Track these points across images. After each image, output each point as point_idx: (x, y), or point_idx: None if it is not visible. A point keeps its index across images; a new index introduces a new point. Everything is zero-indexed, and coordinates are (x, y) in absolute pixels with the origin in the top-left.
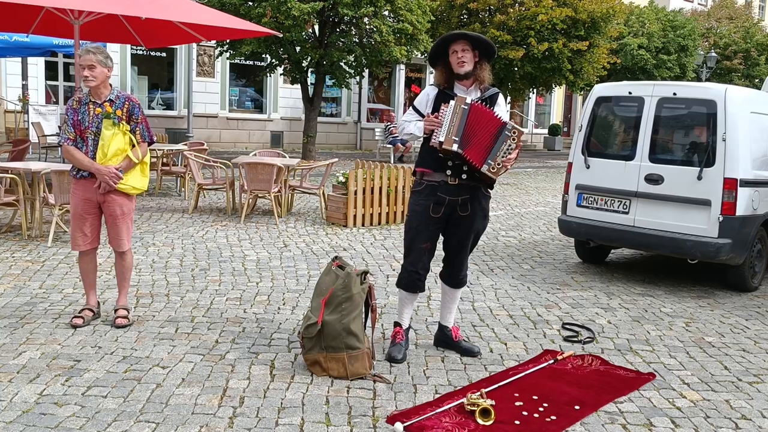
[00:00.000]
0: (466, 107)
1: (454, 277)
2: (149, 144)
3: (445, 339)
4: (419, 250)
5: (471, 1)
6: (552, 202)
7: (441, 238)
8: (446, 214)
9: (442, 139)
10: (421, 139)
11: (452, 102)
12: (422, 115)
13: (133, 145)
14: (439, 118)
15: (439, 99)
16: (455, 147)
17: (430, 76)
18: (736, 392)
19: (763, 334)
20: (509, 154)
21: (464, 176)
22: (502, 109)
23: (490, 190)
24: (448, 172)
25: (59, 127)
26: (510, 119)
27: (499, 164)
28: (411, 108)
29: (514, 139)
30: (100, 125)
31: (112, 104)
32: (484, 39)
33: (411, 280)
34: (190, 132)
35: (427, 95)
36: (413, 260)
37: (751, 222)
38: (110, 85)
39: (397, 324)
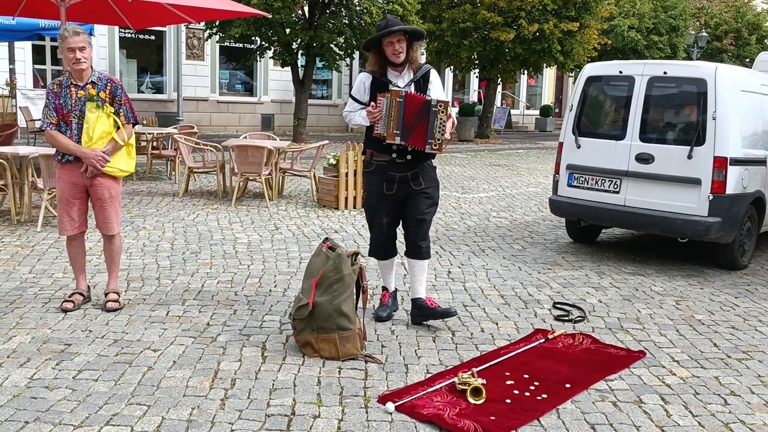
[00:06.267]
0: (401, 100)
1: (417, 248)
2: (133, 125)
3: (420, 311)
4: (380, 225)
5: None
6: (543, 182)
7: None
8: (401, 190)
9: (384, 133)
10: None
11: (388, 96)
12: (362, 103)
13: (118, 127)
14: (378, 110)
15: (375, 87)
16: (398, 140)
17: (421, 58)
18: (725, 369)
19: (752, 312)
20: (443, 127)
21: (409, 156)
22: (435, 84)
23: (433, 161)
24: (394, 155)
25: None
26: (502, 100)
27: (438, 140)
28: (350, 98)
29: (443, 112)
30: (83, 108)
31: (95, 86)
32: (417, 29)
33: (381, 250)
34: (180, 115)
35: (363, 84)
36: (377, 234)
37: (740, 200)
38: (91, 67)
39: (384, 288)
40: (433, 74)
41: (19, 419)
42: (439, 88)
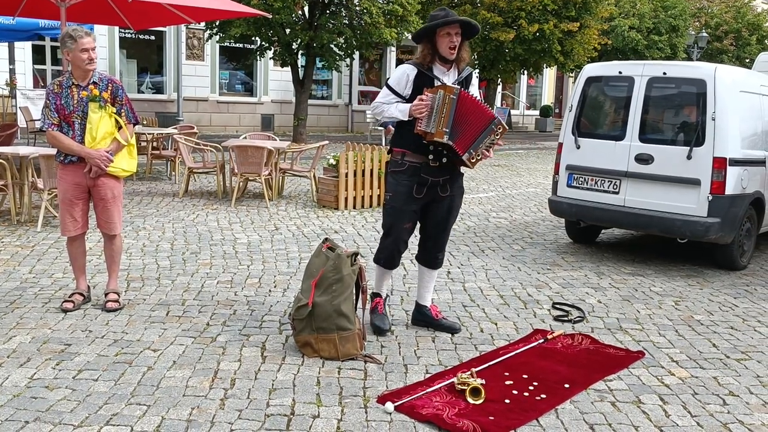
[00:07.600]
0: (455, 97)
1: (434, 258)
2: (134, 125)
3: (424, 318)
4: (401, 230)
5: None
6: (543, 183)
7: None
8: (428, 195)
9: (432, 130)
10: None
11: (440, 91)
12: (400, 96)
13: (120, 128)
14: (426, 104)
15: (420, 81)
16: (446, 139)
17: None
18: (724, 369)
19: (750, 312)
20: (488, 147)
21: (444, 159)
22: (475, 88)
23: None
24: (430, 156)
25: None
26: (502, 100)
27: (478, 155)
28: (386, 88)
29: (497, 134)
30: (86, 109)
31: (97, 86)
32: (476, 24)
33: (391, 258)
34: (180, 116)
35: (406, 76)
36: (395, 240)
37: (740, 201)
38: None
39: (376, 295)
40: (475, 78)
41: (19, 419)
42: (476, 93)
